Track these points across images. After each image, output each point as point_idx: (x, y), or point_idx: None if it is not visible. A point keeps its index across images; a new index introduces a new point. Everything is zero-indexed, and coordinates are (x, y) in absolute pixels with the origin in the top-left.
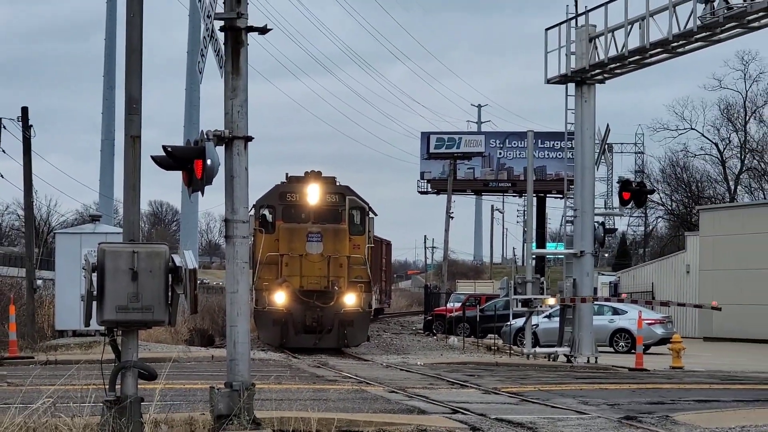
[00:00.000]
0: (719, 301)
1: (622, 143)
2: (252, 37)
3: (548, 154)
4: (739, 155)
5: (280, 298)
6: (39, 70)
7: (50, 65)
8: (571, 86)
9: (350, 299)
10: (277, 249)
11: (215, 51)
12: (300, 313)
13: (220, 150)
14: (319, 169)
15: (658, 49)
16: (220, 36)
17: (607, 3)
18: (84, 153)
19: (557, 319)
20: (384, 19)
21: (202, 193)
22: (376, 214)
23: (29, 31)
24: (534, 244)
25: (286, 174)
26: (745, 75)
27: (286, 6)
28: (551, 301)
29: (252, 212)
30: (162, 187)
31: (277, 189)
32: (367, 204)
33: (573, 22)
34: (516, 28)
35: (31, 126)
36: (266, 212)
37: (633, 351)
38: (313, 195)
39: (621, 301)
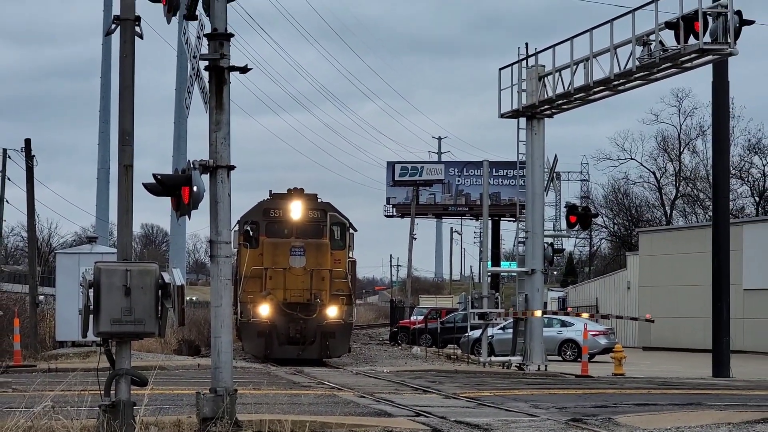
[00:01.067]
0: (656, 314)
1: (569, 172)
2: (236, 78)
3: (502, 182)
4: (674, 183)
5: (264, 310)
6: (44, 106)
7: (55, 102)
8: (523, 120)
9: (332, 311)
10: (261, 263)
11: (201, 88)
12: (284, 325)
13: (206, 178)
14: (302, 187)
15: (601, 87)
16: (205, 75)
17: (554, 45)
18: (83, 181)
19: (511, 330)
20: (356, 62)
21: (189, 217)
22: (356, 230)
23: (36, 71)
24: (489, 263)
25: (270, 191)
26: (679, 110)
27: (268, 50)
28: (538, 313)
29: (236, 228)
30: (153, 212)
31: (261, 205)
32: (348, 220)
33: (524, 62)
34: (474, 70)
35: (34, 156)
36: (250, 228)
37: (579, 359)
38: (296, 211)
39: (567, 314)
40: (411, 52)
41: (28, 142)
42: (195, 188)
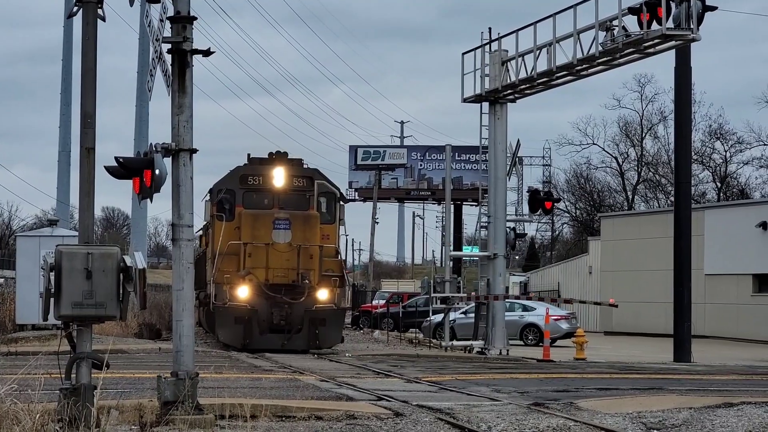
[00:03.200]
0: (618, 299)
1: (531, 156)
2: (202, 63)
3: (464, 166)
4: (636, 168)
5: (242, 292)
6: (9, 90)
7: (21, 86)
8: (486, 105)
9: (323, 294)
10: (238, 237)
11: (163, 71)
12: (266, 310)
13: (168, 161)
14: (285, 150)
15: (564, 72)
16: (168, 58)
17: (518, 30)
18: (46, 164)
19: (473, 315)
20: (324, 49)
21: (151, 200)
22: (346, 201)
23: (4, 56)
24: (451, 247)
25: (248, 155)
26: (641, 96)
27: (235, 36)
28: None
29: (207, 197)
30: (114, 195)
31: (238, 171)
32: (338, 190)
33: (487, 47)
34: (443, 56)
35: None
36: (225, 197)
37: (541, 344)
38: (279, 178)
39: (530, 299)
40: (383, 38)
41: None
42: (157, 171)
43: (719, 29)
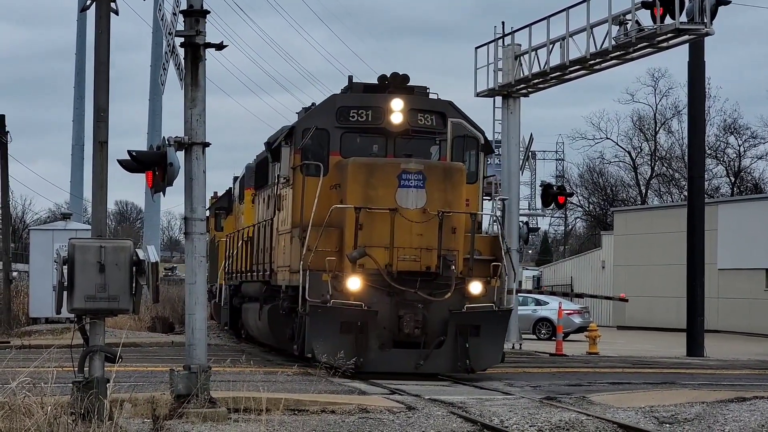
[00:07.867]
0: (631, 293)
1: (544, 151)
2: (220, 61)
3: None
4: (649, 163)
5: (353, 284)
6: (38, 87)
7: (43, 81)
8: (499, 99)
9: (475, 288)
10: (338, 200)
11: (176, 65)
12: (390, 312)
13: (181, 155)
14: (405, 74)
15: (577, 66)
16: (181, 51)
17: (531, 24)
18: (63, 158)
19: None
20: (348, 48)
21: (164, 194)
22: (492, 151)
23: (37, 52)
24: None
25: (350, 78)
26: (655, 90)
27: (255, 35)
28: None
29: (283, 142)
30: (127, 188)
31: (334, 102)
32: (483, 133)
33: (500, 41)
34: (465, 54)
35: (8, 132)
36: (311, 140)
37: (554, 338)
38: (398, 112)
39: (542, 293)
40: (410, 36)
41: (1, 118)
42: (170, 165)
43: (744, 27)
